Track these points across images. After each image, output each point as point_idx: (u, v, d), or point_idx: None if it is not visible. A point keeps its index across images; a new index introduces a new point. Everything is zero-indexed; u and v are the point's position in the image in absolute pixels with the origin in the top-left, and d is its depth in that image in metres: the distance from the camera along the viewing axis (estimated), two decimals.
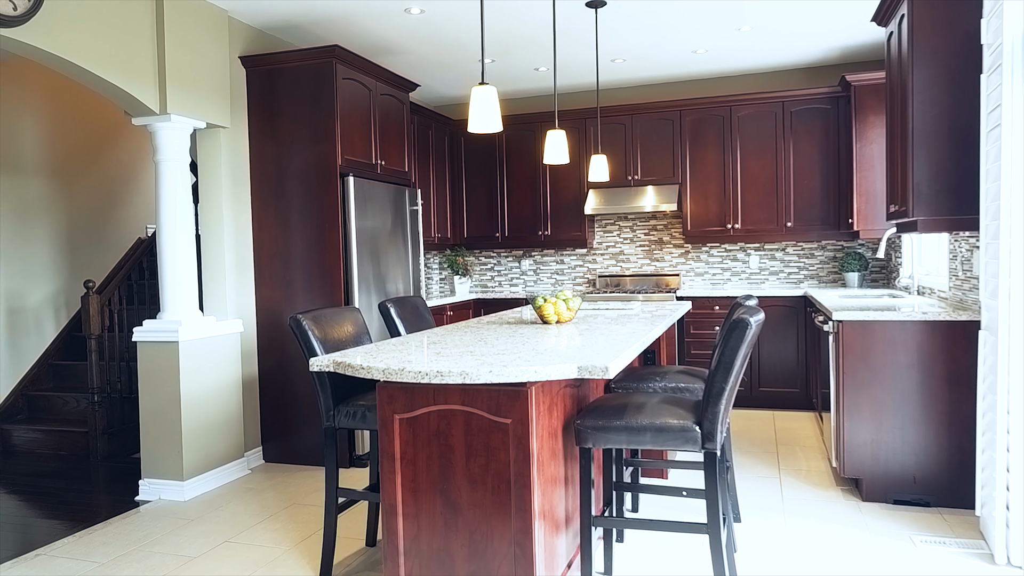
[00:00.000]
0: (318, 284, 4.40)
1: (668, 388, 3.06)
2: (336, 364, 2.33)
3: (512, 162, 6.55)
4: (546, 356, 2.27)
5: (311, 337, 2.83)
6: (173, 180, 3.96)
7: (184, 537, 3.34)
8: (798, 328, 5.59)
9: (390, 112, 4.96)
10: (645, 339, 2.69)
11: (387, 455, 2.29)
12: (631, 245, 6.56)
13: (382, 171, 4.83)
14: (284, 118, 4.42)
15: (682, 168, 6.07)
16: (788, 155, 5.81)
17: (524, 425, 2.13)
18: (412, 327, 3.58)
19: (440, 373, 2.07)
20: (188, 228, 4.03)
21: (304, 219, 4.40)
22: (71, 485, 4.25)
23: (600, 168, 4.37)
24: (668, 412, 2.42)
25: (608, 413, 2.45)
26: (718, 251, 6.33)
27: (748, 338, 2.28)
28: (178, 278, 3.98)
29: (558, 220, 6.44)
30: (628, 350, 2.35)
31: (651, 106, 6.10)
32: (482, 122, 2.53)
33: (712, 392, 2.32)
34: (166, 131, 3.93)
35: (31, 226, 5.51)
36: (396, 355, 2.39)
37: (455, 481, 2.22)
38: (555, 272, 6.80)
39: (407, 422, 2.28)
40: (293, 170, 4.41)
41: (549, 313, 3.27)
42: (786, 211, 5.83)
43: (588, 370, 2.09)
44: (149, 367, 3.94)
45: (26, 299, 5.45)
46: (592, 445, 2.43)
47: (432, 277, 7.01)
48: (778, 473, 4.07)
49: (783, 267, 6.16)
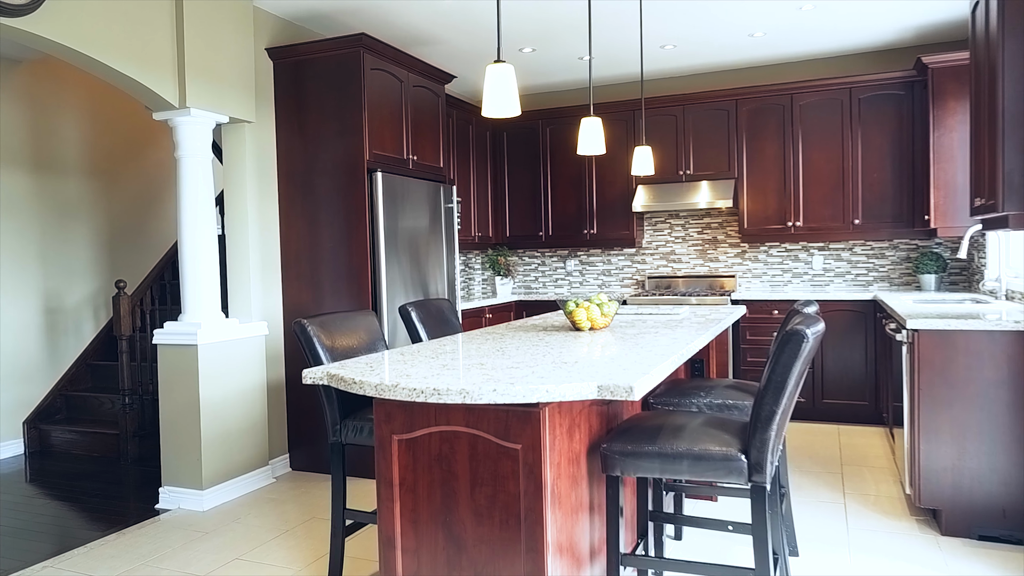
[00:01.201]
0: (345, 285, 4.20)
1: (714, 405, 2.72)
2: (330, 377, 2.08)
3: (556, 157, 6.25)
4: (564, 371, 1.97)
5: (316, 345, 2.60)
6: (194, 176, 3.81)
7: (195, 552, 3.17)
8: (866, 335, 5.12)
9: (424, 105, 4.72)
10: (684, 351, 2.36)
11: (384, 480, 2.03)
12: (683, 244, 6.17)
13: (415, 167, 4.60)
14: (311, 112, 4.23)
15: (738, 161, 5.65)
16: (856, 146, 5.34)
17: (536, 452, 1.84)
18: (436, 332, 3.32)
19: (437, 391, 1.80)
20: (210, 226, 3.87)
21: (331, 217, 4.20)
22: (96, 490, 4.16)
23: (644, 161, 4.03)
24: (710, 436, 2.08)
25: (640, 436, 2.13)
26: (778, 251, 5.88)
27: (804, 353, 1.93)
28: (199, 279, 3.83)
29: (605, 218, 6.10)
30: (660, 366, 2.03)
31: (704, 95, 5.70)
32: (498, 105, 2.24)
33: (760, 416, 1.98)
34: (186, 126, 3.78)
35: (71, 226, 5.50)
36: (397, 367, 2.13)
37: (459, 513, 1.95)
38: (602, 273, 6.46)
39: (406, 444, 2.01)
40: (320, 166, 4.22)
41: (581, 319, 2.97)
42: (853, 207, 5.35)
43: (610, 390, 1.78)
44: (169, 371, 3.80)
45: (65, 299, 5.44)
46: (620, 473, 2.12)
47: (474, 278, 6.76)
48: (843, 498, 3.66)
49: (850, 268, 5.68)
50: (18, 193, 5.14)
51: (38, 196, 5.27)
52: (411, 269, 4.46)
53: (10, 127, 5.10)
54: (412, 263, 4.47)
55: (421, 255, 4.57)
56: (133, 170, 6.04)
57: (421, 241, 4.57)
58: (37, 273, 5.24)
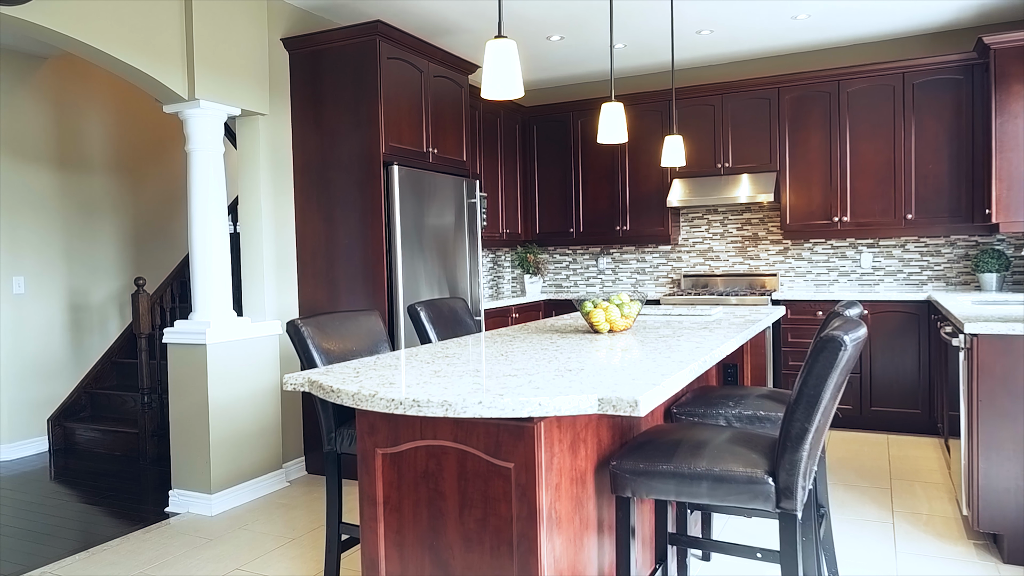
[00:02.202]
0: (361, 283, 4.04)
1: (744, 417, 2.46)
2: (311, 383, 1.90)
3: (587, 150, 6.00)
4: (565, 381, 1.75)
5: (311, 347, 2.43)
6: (204, 170, 3.70)
7: (196, 561, 3.04)
8: (919, 338, 4.75)
9: (445, 96, 4.54)
10: (706, 358, 2.11)
11: (368, 499, 1.85)
12: (721, 241, 5.87)
13: (435, 160, 4.42)
14: (328, 104, 4.09)
15: (780, 153, 5.33)
16: (909, 135, 4.97)
17: (530, 472, 1.63)
18: (447, 333, 3.13)
19: (417, 402, 1.60)
20: (221, 222, 3.76)
21: (347, 213, 4.05)
22: (112, 490, 4.09)
23: (675, 151, 3.77)
24: (734, 455, 1.84)
25: (654, 453, 1.90)
26: (823, 248, 5.53)
27: (841, 363, 1.68)
28: (209, 276, 3.72)
29: (638, 214, 5.83)
30: (673, 377, 1.80)
31: (744, 83, 5.39)
32: (500, 86, 2.04)
33: (790, 434, 1.73)
34: (196, 118, 3.67)
35: (96, 223, 5.48)
36: (384, 373, 1.94)
37: (447, 537, 1.75)
38: (635, 271, 6.19)
39: (391, 459, 1.82)
40: (336, 159, 4.07)
41: (599, 321, 2.74)
42: (906, 201, 4.99)
43: (612, 404, 1.56)
44: (178, 371, 3.69)
45: (90, 296, 5.42)
46: (632, 494, 1.89)
47: (503, 276, 6.57)
48: (891, 517, 3.35)
49: (902, 267, 5.30)
50: (43, 190, 5.13)
51: (63, 193, 5.26)
52: (431, 267, 4.29)
53: (34, 124, 5.10)
54: (432, 261, 4.30)
55: (442, 252, 4.39)
56: (159, 167, 6.01)
57: (442, 238, 4.39)
58: (62, 270, 5.23)
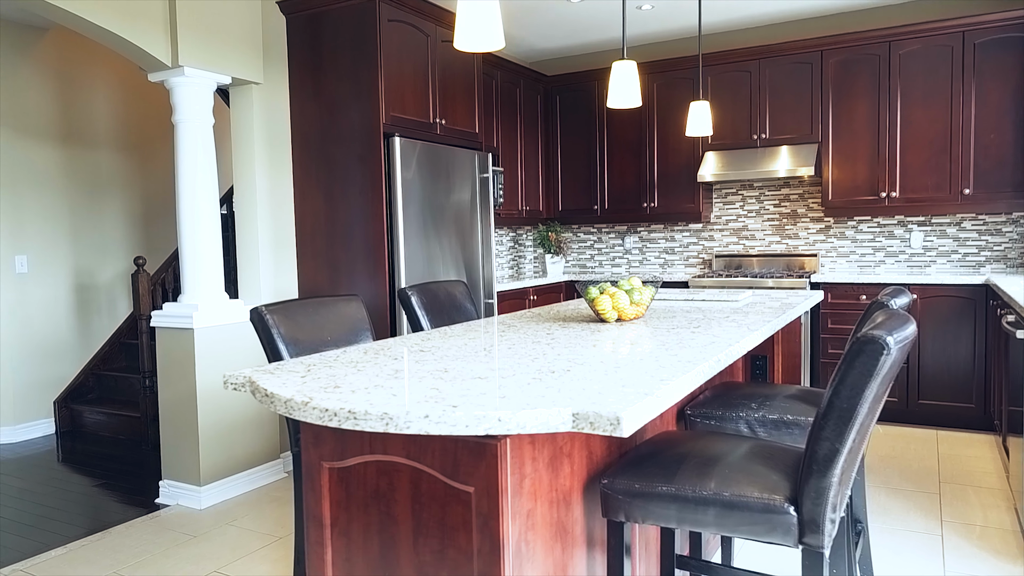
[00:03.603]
0: (361, 264, 3.78)
1: (768, 422, 2.13)
2: (251, 384, 1.64)
3: (613, 122, 5.63)
4: (540, 388, 1.46)
5: (276, 338, 2.18)
6: (192, 143, 3.46)
7: (175, 560, 2.85)
8: (976, 325, 4.32)
9: (455, 62, 4.23)
10: (720, 357, 1.79)
11: (313, 519, 1.59)
12: (757, 219, 5.46)
13: (443, 132, 4.12)
14: (327, 71, 3.81)
15: (822, 123, 4.89)
16: (968, 102, 4.49)
17: (492, 499, 1.34)
18: (442, 319, 2.86)
19: (353, 414, 1.32)
20: (209, 199, 3.53)
21: (347, 188, 3.79)
22: (108, 477, 3.94)
23: (701, 118, 3.40)
24: (749, 476, 1.53)
25: (654, 470, 1.60)
26: (868, 226, 5.09)
27: (883, 371, 1.35)
28: (198, 256, 3.50)
29: (667, 190, 5.46)
30: (673, 384, 1.48)
31: (783, 47, 4.95)
32: (474, 36, 1.77)
33: (817, 455, 1.41)
34: (182, 87, 3.43)
35: (102, 201, 5.33)
36: (337, 373, 1.67)
37: (400, 569, 1.48)
38: (664, 251, 5.83)
39: (338, 474, 1.56)
40: (336, 131, 3.80)
41: (605, 309, 2.43)
42: (963, 174, 4.52)
43: (589, 421, 1.26)
44: (166, 356, 3.50)
45: (97, 276, 5.28)
46: (625, 519, 1.60)
47: (525, 256, 6.26)
48: (939, 527, 2.99)
49: (957, 247, 4.84)
50: (46, 167, 4.98)
51: (67, 170, 5.10)
52: (439, 247, 4.01)
53: (37, 98, 4.94)
54: (440, 240, 4.02)
55: (452, 231, 4.11)
56: (168, 143, 5.83)
57: (452, 215, 4.11)
58: (67, 249, 5.09)
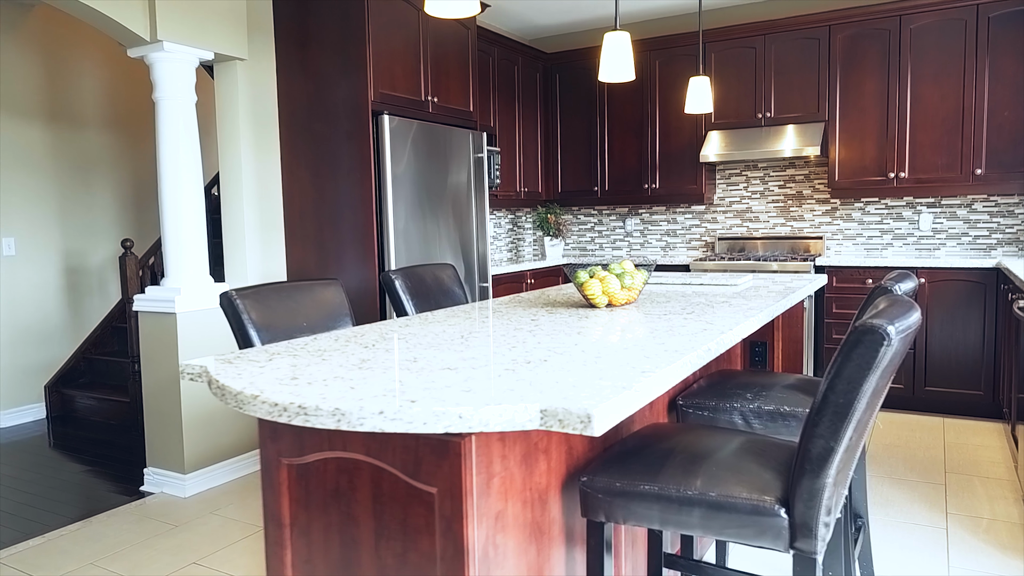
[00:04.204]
0: (351, 246, 3.68)
1: (764, 413, 2.02)
2: (206, 374, 1.54)
3: (614, 101, 5.48)
4: (510, 380, 1.35)
5: (246, 323, 2.07)
6: (173, 121, 3.35)
7: (153, 551, 2.77)
8: (985, 310, 4.18)
9: (448, 38, 4.09)
10: (711, 346, 1.68)
11: (272, 518, 1.49)
12: (761, 200, 5.32)
13: (436, 110, 3.99)
14: (313, 46, 3.68)
15: (829, 101, 4.73)
16: (981, 78, 4.32)
17: (456, 500, 1.24)
18: (429, 304, 2.75)
19: (304, 409, 1.21)
20: (193, 178, 3.42)
21: (335, 168, 3.67)
22: (93, 464, 3.87)
23: (701, 95, 3.26)
24: (738, 474, 1.43)
25: (637, 466, 1.50)
26: (876, 208, 4.95)
27: (883, 362, 1.23)
28: (181, 238, 3.40)
29: (669, 171, 5.31)
30: (655, 377, 1.37)
31: (790, 22, 4.78)
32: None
33: (810, 454, 1.30)
34: (162, 63, 3.31)
35: (92, 181, 5.23)
36: (301, 362, 1.57)
37: (362, 572, 1.38)
38: (666, 233, 5.69)
39: (297, 471, 1.46)
40: (324, 109, 3.68)
41: (595, 293, 2.31)
42: (975, 154, 4.36)
43: (558, 419, 1.15)
44: (148, 341, 3.41)
45: (88, 258, 5.20)
46: (605, 519, 1.50)
47: (524, 238, 6.14)
48: (944, 520, 2.88)
49: (967, 229, 4.69)
50: (33, 147, 4.87)
51: (55, 150, 5.00)
52: (431, 229, 3.89)
53: (22, 76, 4.82)
54: (433, 222, 3.90)
55: (445, 213, 3.99)
56: None
57: (445, 197, 3.99)
58: (56, 231, 5.00)
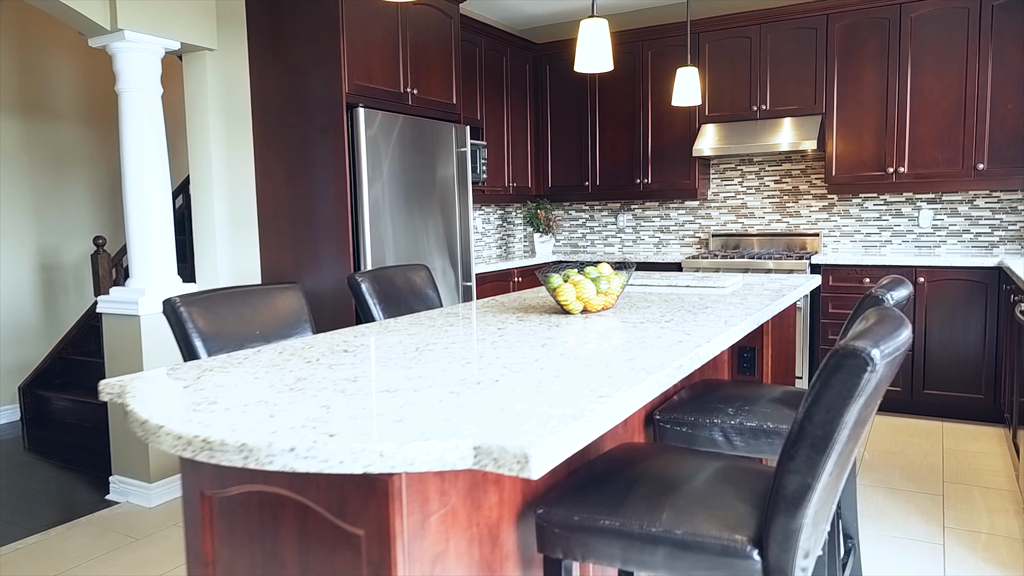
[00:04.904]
0: (325, 245, 3.54)
1: (746, 430, 1.88)
2: (122, 394, 1.40)
3: (605, 94, 5.32)
4: (448, 408, 1.20)
5: (191, 333, 1.93)
6: (138, 115, 3.20)
7: (111, 567, 2.64)
8: (986, 311, 4.04)
9: (429, 27, 3.93)
10: (683, 362, 1.53)
11: (194, 555, 1.35)
12: (756, 196, 5.16)
13: (416, 102, 3.84)
14: (287, 35, 3.53)
15: (827, 93, 4.57)
16: (984, 70, 4.16)
17: (384, 544, 1.10)
18: (399, 308, 2.61)
19: (208, 444, 1.07)
20: (159, 174, 3.28)
21: (309, 163, 3.53)
22: (61, 470, 3.75)
23: (688, 87, 3.11)
24: (709, 508, 1.29)
25: (598, 497, 1.36)
26: (874, 204, 4.79)
27: (866, 390, 1.09)
28: (146, 236, 3.25)
29: (662, 165, 5.16)
30: (610, 405, 1.22)
31: (786, 10, 4.62)
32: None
33: (785, 491, 1.16)
34: (124, 53, 3.16)
35: (67, 176, 5.08)
36: (233, 379, 1.42)
37: None
38: (659, 230, 5.54)
39: (219, 505, 1.32)
40: (297, 102, 3.53)
41: (568, 299, 2.17)
42: (977, 148, 4.21)
43: (493, 458, 1.00)
44: (113, 343, 3.28)
45: (63, 256, 5.06)
46: (563, 556, 1.36)
47: (514, 235, 5.99)
48: (941, 534, 2.74)
49: (969, 226, 4.54)
50: (6, 141, 4.73)
51: (28, 144, 4.86)
52: (412, 226, 3.75)
53: None
54: (414, 219, 3.76)
55: (427, 209, 3.85)
56: None
57: (427, 192, 3.84)
58: (30, 228, 4.86)
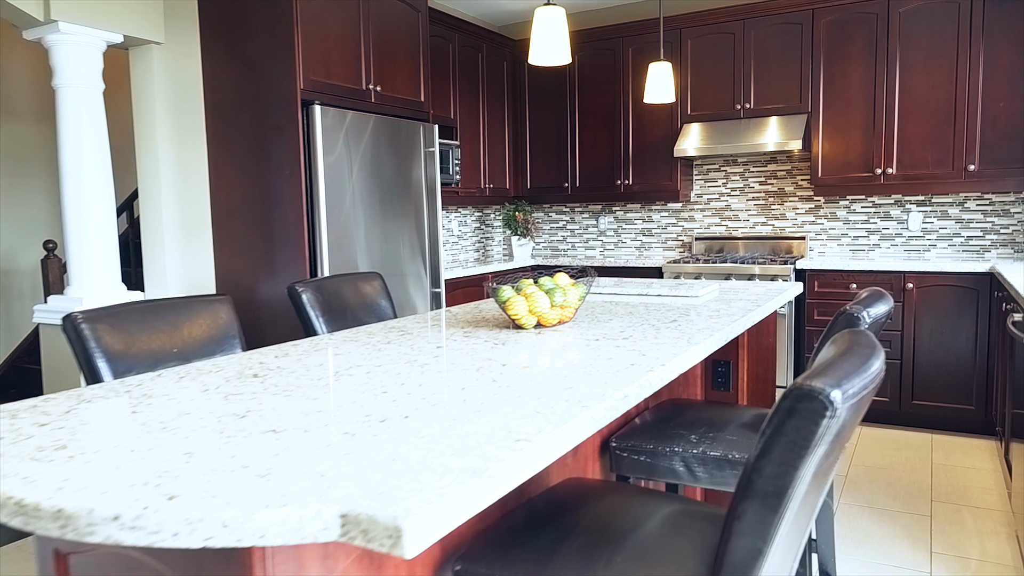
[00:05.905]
0: (281, 249, 3.34)
1: (709, 460, 1.69)
2: None
3: (586, 92, 5.14)
4: (329, 460, 1.02)
5: (92, 352, 1.74)
6: (76, 112, 3.01)
7: None
8: (978, 318, 3.87)
9: (394, 20, 3.74)
10: (624, 395, 1.34)
11: None
12: (741, 198, 4.98)
13: (379, 99, 3.65)
14: (240, 28, 3.33)
15: (813, 92, 4.40)
16: (976, 67, 3.99)
17: None
18: (345, 321, 2.42)
19: (22, 508, 0.87)
20: (100, 175, 3.08)
21: (264, 164, 3.33)
22: None
23: (661, 83, 2.92)
24: (652, 565, 1.10)
25: (525, 551, 1.17)
26: (862, 206, 4.62)
27: (826, 438, 0.91)
28: (85, 242, 3.06)
29: (643, 166, 4.98)
30: (525, 453, 1.03)
31: (770, 5, 4.44)
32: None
33: (733, 557, 0.97)
34: (60, 47, 2.97)
35: (24, 177, 4.88)
36: (102, 413, 1.23)
37: None
38: (641, 232, 5.36)
39: (73, 565, 1.13)
40: (251, 99, 3.33)
41: (519, 314, 1.98)
42: (968, 148, 4.04)
43: (362, 528, 0.81)
44: (50, 357, 3.08)
45: (19, 260, 4.86)
46: None
47: (493, 238, 5.80)
48: (928, 561, 2.57)
49: (960, 229, 4.37)
50: None
51: None
52: (374, 230, 3.56)
53: None
54: (377, 223, 3.57)
55: (393, 212, 3.66)
56: None
57: (391, 195, 3.65)
58: None
